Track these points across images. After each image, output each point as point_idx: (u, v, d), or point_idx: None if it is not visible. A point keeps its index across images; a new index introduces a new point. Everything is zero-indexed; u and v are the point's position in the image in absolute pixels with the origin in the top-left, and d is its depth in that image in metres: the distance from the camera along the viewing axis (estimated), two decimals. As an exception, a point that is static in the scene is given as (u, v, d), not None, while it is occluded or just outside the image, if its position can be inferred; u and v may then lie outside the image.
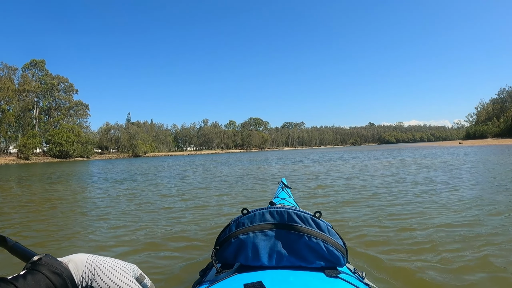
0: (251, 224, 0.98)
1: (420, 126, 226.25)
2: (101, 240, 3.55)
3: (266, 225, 0.98)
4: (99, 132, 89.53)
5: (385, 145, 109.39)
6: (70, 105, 71.44)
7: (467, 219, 3.67)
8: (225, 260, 0.98)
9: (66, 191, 8.70)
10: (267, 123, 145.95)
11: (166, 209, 5.28)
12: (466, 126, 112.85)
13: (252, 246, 0.95)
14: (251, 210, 1.01)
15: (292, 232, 0.96)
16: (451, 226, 3.39)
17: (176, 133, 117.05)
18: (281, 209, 0.99)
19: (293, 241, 0.96)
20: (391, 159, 18.72)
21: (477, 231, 3.17)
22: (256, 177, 10.86)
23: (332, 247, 0.95)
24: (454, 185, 6.53)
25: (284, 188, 2.88)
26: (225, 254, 0.98)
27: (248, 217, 1.00)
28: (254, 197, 6.25)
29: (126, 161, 42.08)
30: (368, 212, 4.26)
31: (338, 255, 0.95)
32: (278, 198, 2.57)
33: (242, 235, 0.97)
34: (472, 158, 15.60)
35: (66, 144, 63.67)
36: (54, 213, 5.38)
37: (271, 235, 0.97)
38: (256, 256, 0.95)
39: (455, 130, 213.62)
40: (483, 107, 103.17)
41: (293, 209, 0.99)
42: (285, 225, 0.97)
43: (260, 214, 0.99)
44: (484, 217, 3.70)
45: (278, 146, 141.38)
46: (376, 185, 7.14)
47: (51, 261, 0.52)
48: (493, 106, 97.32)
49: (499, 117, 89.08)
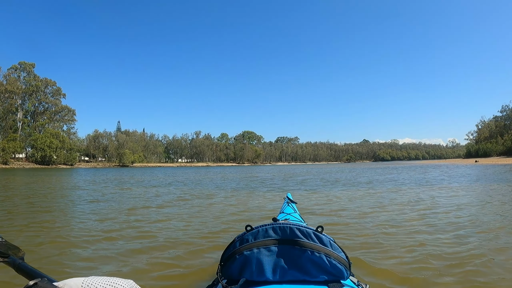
0: (255, 240, 1.00)
1: (415, 144, 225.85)
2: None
3: (269, 241, 0.99)
4: (86, 139, 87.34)
5: (382, 163, 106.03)
6: (56, 109, 69.54)
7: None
8: (230, 276, 1.00)
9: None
10: (260, 137, 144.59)
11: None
12: (467, 144, 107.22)
13: (256, 262, 0.97)
14: (255, 227, 1.03)
15: (295, 247, 0.97)
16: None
17: (167, 144, 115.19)
18: (283, 225, 1.00)
19: (297, 256, 0.97)
20: (436, 183, 12.52)
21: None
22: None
23: (335, 261, 0.96)
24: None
25: (290, 203, 2.83)
26: (230, 270, 1.00)
27: (251, 233, 1.02)
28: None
29: (107, 171, 40.17)
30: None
31: (341, 269, 0.97)
32: (284, 213, 2.55)
33: (247, 251, 0.98)
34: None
35: (49, 150, 61.65)
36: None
37: (274, 250, 0.98)
38: (260, 272, 0.96)
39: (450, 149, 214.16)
40: (485, 125, 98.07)
41: (296, 225, 1.00)
42: (288, 240, 0.98)
43: (264, 230, 1.01)
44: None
45: (271, 160, 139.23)
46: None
47: (46, 286, 0.52)
48: (496, 123, 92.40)
49: (503, 135, 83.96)
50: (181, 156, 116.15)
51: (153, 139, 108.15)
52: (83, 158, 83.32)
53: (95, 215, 5.83)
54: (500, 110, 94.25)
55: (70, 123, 72.74)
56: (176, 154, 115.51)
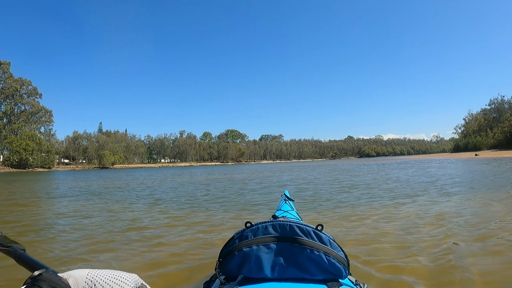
0: (254, 237, 1.00)
1: (399, 140, 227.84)
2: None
3: (269, 238, 0.99)
4: (65, 141, 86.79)
5: (368, 159, 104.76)
6: (32, 110, 68.49)
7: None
8: (228, 272, 1.00)
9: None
10: (244, 136, 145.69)
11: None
12: (454, 138, 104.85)
13: (255, 259, 0.96)
14: (254, 224, 1.03)
15: (295, 245, 0.97)
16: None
17: (150, 144, 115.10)
18: (283, 222, 1.00)
19: (296, 254, 0.97)
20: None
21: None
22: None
23: (334, 260, 0.96)
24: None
25: (287, 201, 2.81)
26: (229, 267, 0.99)
27: (251, 230, 1.01)
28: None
29: (79, 174, 39.79)
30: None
31: (340, 267, 0.96)
32: (281, 210, 2.52)
33: (246, 247, 0.98)
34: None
35: (25, 153, 61.09)
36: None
37: (274, 248, 0.98)
38: (259, 269, 0.96)
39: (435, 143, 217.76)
40: (472, 118, 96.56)
41: (296, 223, 1.00)
42: (288, 238, 0.98)
43: (263, 227, 1.01)
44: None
45: (255, 159, 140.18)
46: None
47: (51, 277, 0.52)
48: (485, 117, 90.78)
49: (492, 128, 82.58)
50: (164, 157, 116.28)
51: (135, 139, 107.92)
52: (62, 161, 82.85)
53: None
54: (489, 103, 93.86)
55: (48, 125, 71.89)
56: (159, 154, 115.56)
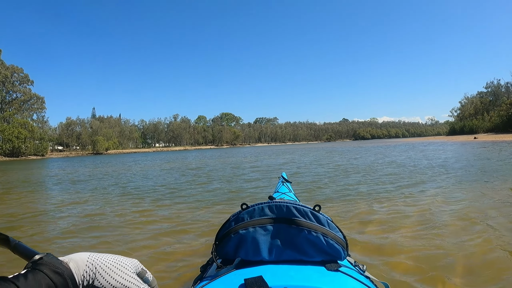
0: (251, 219, 0.97)
1: (394, 122, 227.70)
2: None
3: (265, 220, 0.97)
4: (59, 128, 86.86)
5: (363, 141, 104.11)
6: (24, 98, 68.34)
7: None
8: (225, 255, 0.97)
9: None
10: (239, 119, 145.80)
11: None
12: (450, 121, 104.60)
13: (252, 241, 0.94)
14: (251, 205, 1.00)
15: (292, 226, 0.95)
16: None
17: (144, 128, 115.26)
18: (280, 203, 0.98)
19: (293, 235, 0.95)
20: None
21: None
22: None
23: (332, 241, 0.94)
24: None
25: (285, 183, 2.84)
26: (225, 250, 0.97)
27: (247, 212, 0.99)
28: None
29: (71, 160, 39.20)
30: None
31: (339, 249, 0.94)
32: (279, 192, 2.54)
33: (242, 230, 0.96)
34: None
35: (17, 141, 61.37)
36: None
37: (270, 229, 0.96)
38: (256, 251, 0.94)
39: (430, 127, 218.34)
40: (468, 101, 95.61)
41: (293, 203, 0.98)
42: (285, 219, 0.96)
43: (260, 209, 0.98)
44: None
45: (250, 142, 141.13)
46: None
47: (52, 260, 0.52)
48: (481, 100, 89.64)
49: (489, 111, 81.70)
50: (159, 141, 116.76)
51: (129, 124, 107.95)
52: (56, 148, 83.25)
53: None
54: (485, 86, 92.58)
55: (40, 112, 71.84)
56: (153, 139, 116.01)
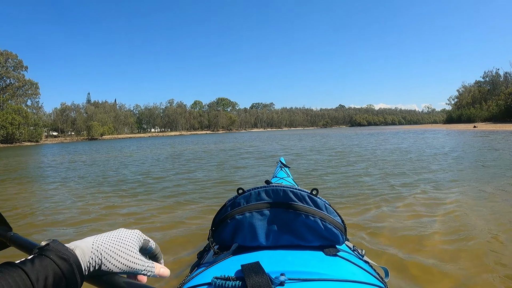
0: (247, 204, 0.96)
1: (390, 109, 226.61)
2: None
3: (262, 204, 0.95)
4: (53, 113, 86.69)
5: (359, 128, 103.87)
6: (18, 84, 68.03)
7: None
8: (222, 241, 0.96)
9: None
10: (235, 104, 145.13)
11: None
12: (448, 110, 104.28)
13: (249, 226, 0.93)
14: (247, 190, 0.99)
15: (289, 211, 0.93)
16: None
17: (139, 114, 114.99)
18: (276, 187, 0.96)
19: (290, 220, 0.93)
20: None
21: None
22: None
23: (330, 225, 0.92)
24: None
25: (283, 168, 2.84)
26: (222, 235, 0.96)
27: (243, 196, 0.97)
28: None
29: (65, 146, 39.04)
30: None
31: (337, 233, 0.93)
32: (277, 177, 2.55)
33: (238, 215, 0.94)
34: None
35: (11, 127, 61.43)
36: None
37: (267, 214, 0.94)
38: (253, 236, 0.93)
39: (426, 114, 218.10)
40: (466, 90, 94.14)
41: (289, 187, 0.96)
42: (282, 203, 0.94)
43: (256, 193, 0.97)
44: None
45: (246, 127, 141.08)
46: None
47: (58, 247, 0.53)
48: (479, 89, 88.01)
49: (487, 100, 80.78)
50: (154, 126, 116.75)
51: (124, 109, 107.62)
52: (51, 134, 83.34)
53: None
54: (483, 76, 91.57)
55: (34, 97, 71.66)
56: (148, 124, 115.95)
